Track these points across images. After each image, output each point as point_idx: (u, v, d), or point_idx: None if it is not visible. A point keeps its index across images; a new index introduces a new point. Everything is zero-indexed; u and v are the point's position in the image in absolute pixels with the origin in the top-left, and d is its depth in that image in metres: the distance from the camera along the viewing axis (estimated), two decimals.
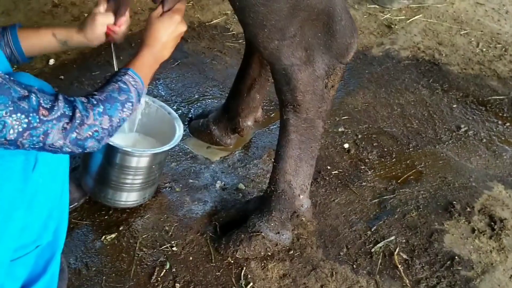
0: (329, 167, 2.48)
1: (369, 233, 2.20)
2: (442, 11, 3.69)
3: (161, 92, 2.81)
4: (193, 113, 2.69)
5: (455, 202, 2.34)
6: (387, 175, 2.48)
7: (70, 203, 2.04)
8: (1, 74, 1.19)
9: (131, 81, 1.44)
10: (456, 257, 2.13)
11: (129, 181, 2.06)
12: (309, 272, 2.04)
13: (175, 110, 2.49)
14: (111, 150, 1.98)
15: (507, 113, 2.89)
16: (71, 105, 1.29)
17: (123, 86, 1.41)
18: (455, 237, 2.22)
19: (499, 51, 3.36)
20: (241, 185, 2.36)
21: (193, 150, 2.51)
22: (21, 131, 1.20)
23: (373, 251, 2.14)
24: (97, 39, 1.67)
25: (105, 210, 2.17)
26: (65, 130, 1.26)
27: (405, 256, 2.13)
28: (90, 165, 2.08)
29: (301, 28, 1.71)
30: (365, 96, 2.93)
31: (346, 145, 2.61)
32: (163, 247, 2.07)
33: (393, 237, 2.19)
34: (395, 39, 3.41)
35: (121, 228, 2.11)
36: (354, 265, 2.08)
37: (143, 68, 1.51)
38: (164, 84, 2.86)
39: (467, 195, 2.39)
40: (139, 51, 1.55)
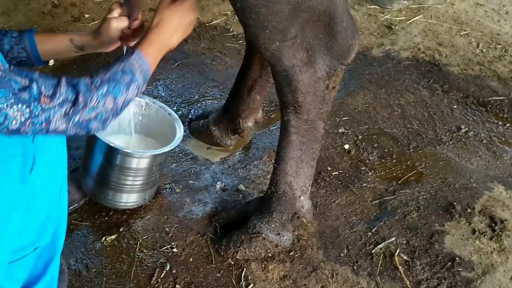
0: (329, 168, 2.47)
1: (369, 234, 2.20)
2: (442, 12, 3.69)
3: (161, 93, 2.81)
4: (193, 114, 2.69)
5: (455, 203, 2.34)
6: (387, 176, 2.48)
7: (70, 204, 2.04)
8: (0, 67, 1.18)
9: (137, 62, 1.42)
10: (456, 258, 2.13)
11: (129, 182, 2.05)
12: (309, 273, 2.03)
13: (175, 111, 2.49)
14: (112, 151, 1.98)
15: (507, 113, 2.89)
16: (74, 89, 1.28)
17: (128, 66, 1.39)
18: (455, 238, 2.21)
19: (499, 52, 3.36)
20: (241, 186, 2.35)
21: (193, 151, 2.50)
22: (23, 121, 1.20)
23: (374, 252, 2.13)
24: (113, 43, 1.67)
25: (105, 211, 2.17)
26: (67, 115, 1.26)
27: (405, 257, 2.13)
28: (90, 166, 2.08)
29: (302, 29, 1.71)
30: (366, 97, 2.93)
31: (346, 146, 2.61)
32: (163, 248, 2.06)
33: (393, 238, 2.19)
34: (395, 40, 3.40)
35: (121, 229, 2.11)
36: (354, 266, 2.08)
37: (149, 50, 1.47)
38: (164, 85, 2.86)
39: (467, 196, 2.39)
40: (147, 34, 1.50)
